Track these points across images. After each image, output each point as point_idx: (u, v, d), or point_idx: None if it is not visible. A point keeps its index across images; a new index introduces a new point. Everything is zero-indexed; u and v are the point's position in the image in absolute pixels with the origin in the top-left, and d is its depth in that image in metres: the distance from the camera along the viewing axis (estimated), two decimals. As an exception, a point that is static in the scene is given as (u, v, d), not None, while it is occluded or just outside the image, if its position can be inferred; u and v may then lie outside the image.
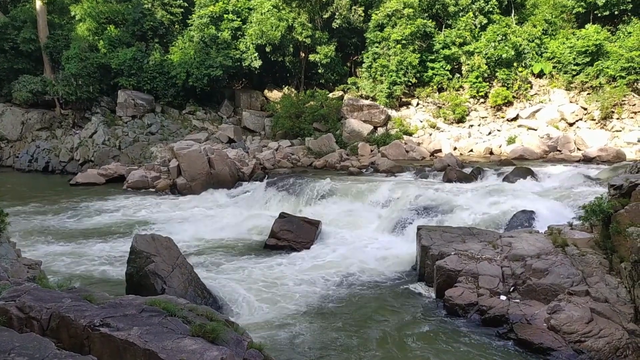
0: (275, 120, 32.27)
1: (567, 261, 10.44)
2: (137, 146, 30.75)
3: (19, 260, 9.66)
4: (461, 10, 32.51)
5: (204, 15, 32.92)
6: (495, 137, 29.87)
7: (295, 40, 33.37)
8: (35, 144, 32.28)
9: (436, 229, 13.30)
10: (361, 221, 17.24)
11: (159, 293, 9.57)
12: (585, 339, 8.55)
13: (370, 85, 32.48)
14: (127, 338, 5.25)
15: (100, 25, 34.62)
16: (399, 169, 23.76)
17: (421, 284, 12.04)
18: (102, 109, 33.54)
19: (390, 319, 10.22)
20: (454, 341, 9.22)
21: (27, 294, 6.05)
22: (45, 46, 34.23)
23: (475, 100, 31.77)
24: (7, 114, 33.83)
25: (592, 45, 29.06)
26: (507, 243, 11.68)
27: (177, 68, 32.30)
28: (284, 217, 15.98)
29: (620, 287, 9.50)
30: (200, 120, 33.90)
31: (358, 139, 29.83)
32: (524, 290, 10.13)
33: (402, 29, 31.03)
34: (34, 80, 33.13)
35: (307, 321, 10.03)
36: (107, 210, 20.09)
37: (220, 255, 14.49)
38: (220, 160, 24.41)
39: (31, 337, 5.09)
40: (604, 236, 10.53)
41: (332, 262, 13.75)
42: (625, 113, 28.19)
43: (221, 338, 5.60)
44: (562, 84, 30.69)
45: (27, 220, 18.43)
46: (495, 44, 30.85)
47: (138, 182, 24.64)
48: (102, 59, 32.77)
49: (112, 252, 14.62)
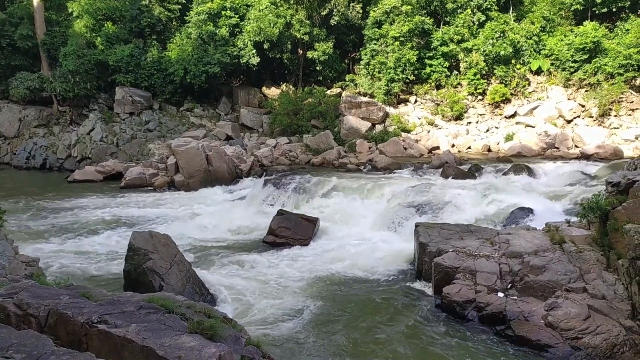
0: (273, 118, 32.27)
1: (565, 258, 10.46)
2: (134, 143, 30.71)
3: (16, 258, 9.65)
4: (459, 7, 32.49)
5: (202, 12, 32.85)
6: (493, 134, 29.90)
7: (293, 37, 33.34)
8: (33, 141, 32.23)
9: (434, 226, 13.30)
10: (359, 218, 17.24)
11: (157, 290, 9.57)
12: (582, 335, 8.58)
13: (368, 82, 32.48)
14: (125, 335, 5.25)
15: (97, 22, 34.56)
16: (397, 166, 23.78)
17: (419, 281, 12.05)
18: (100, 106, 33.49)
19: (387, 315, 10.24)
20: (452, 338, 9.25)
21: (24, 291, 6.05)
22: (43, 43, 34.15)
23: (473, 98, 31.77)
24: (4, 111, 33.77)
25: (590, 42, 29.07)
26: (504, 240, 11.69)
27: (174, 65, 32.27)
28: (282, 214, 15.98)
29: (617, 284, 9.52)
30: (198, 117, 33.87)
31: (356, 136, 29.84)
32: (522, 287, 10.15)
33: (400, 26, 31.02)
34: (31, 77, 33.06)
35: (304, 318, 10.06)
36: (105, 207, 20.06)
37: (218, 252, 14.49)
38: (218, 158, 24.39)
39: (29, 334, 5.08)
40: (601, 233, 10.54)
41: (329, 259, 13.76)
42: (623, 110, 28.22)
43: (219, 335, 5.61)
44: (560, 81, 30.71)
45: (25, 218, 18.41)
46: (493, 41, 30.85)
47: (136, 179, 24.59)
48: (99, 56, 32.72)
49: (110, 249, 14.61)
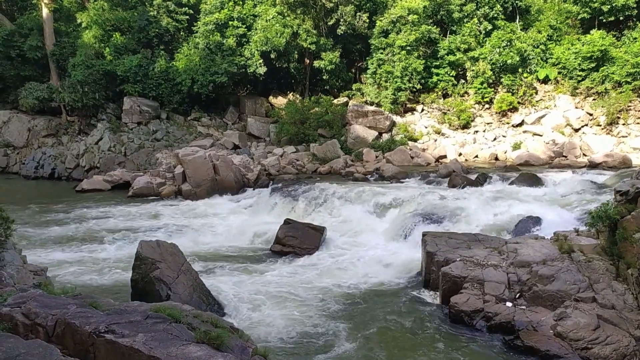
0: (280, 127, 32.34)
1: (574, 267, 10.38)
2: (142, 152, 30.87)
3: (24, 267, 9.70)
4: (466, 16, 32.52)
5: (209, 22, 33.10)
6: (501, 142, 29.80)
7: (300, 46, 33.48)
8: (42, 151, 32.45)
9: (441, 235, 13.25)
10: (366, 227, 17.18)
11: (164, 299, 9.57)
12: (592, 346, 8.49)
13: (375, 91, 32.51)
14: (132, 344, 5.26)
15: (106, 33, 34.86)
16: (403, 175, 23.71)
17: (426, 290, 11.99)
18: (108, 116, 33.73)
19: (395, 325, 10.19)
20: (460, 348, 9.18)
21: (32, 301, 6.08)
22: (52, 53, 34.50)
23: (480, 106, 31.72)
24: (13, 121, 34.06)
25: (597, 50, 29.00)
26: (512, 249, 11.62)
27: (182, 75, 32.47)
28: (288, 223, 15.97)
29: (627, 294, 9.43)
30: (205, 127, 34.01)
31: (363, 145, 29.84)
32: (530, 297, 10.07)
33: (406, 35, 31.09)
34: (40, 87, 33.36)
35: (311, 327, 10.01)
36: (112, 217, 20.14)
37: (225, 261, 14.48)
38: (225, 167, 24.45)
39: (36, 343, 5.10)
40: (610, 242, 10.46)
41: (336, 268, 13.73)
42: (631, 118, 28.07)
43: (226, 345, 5.61)
44: (567, 89, 30.62)
45: (33, 227, 18.50)
46: (500, 49, 30.83)
47: (143, 189, 24.67)
48: (108, 66, 32.99)
49: (117, 258, 14.63)
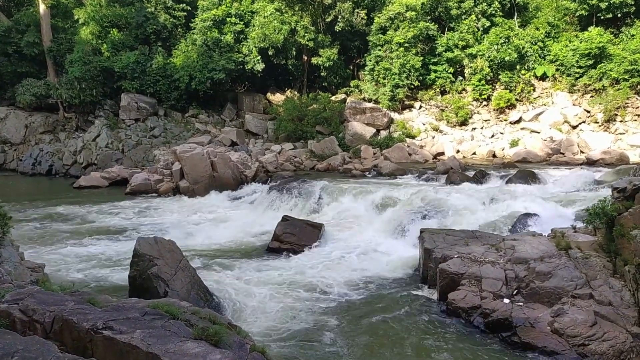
0: (278, 123, 32.33)
1: (571, 264, 10.40)
2: (140, 149, 30.83)
3: (22, 263, 9.69)
4: (464, 13, 32.51)
5: (207, 19, 33.04)
6: (498, 139, 29.84)
7: (298, 43, 33.45)
8: (39, 147, 32.40)
9: (439, 232, 13.26)
10: (364, 224, 17.20)
11: (162, 296, 9.56)
12: (589, 342, 8.51)
13: (373, 88, 32.50)
14: (129, 341, 5.26)
15: (103, 29, 34.78)
16: (401, 172, 23.74)
17: (424, 287, 12.00)
18: (106, 112, 33.67)
19: (392, 322, 10.20)
20: (457, 345, 9.20)
21: (30, 297, 6.07)
22: (49, 50, 34.41)
23: (478, 103, 31.74)
24: (10, 118, 33.98)
25: (595, 48, 29.03)
26: (510, 246, 11.64)
27: (180, 71, 32.42)
28: (286, 220, 15.97)
29: (624, 290, 9.45)
30: (203, 123, 33.98)
31: (361, 142, 29.85)
32: (528, 294, 10.08)
33: (404, 32, 31.07)
34: (38, 84, 33.29)
35: (309, 324, 10.02)
36: (110, 214, 20.13)
37: (222, 258, 14.47)
38: (223, 163, 24.43)
39: (34, 340, 5.10)
40: (607, 239, 10.47)
41: (334, 265, 13.73)
42: (629, 115, 28.12)
43: (224, 341, 5.61)
44: (565, 86, 30.66)
45: (31, 224, 18.48)
46: (498, 46, 30.85)
47: (141, 185, 24.66)
48: (105, 63, 32.92)
49: (115, 255, 14.62)
